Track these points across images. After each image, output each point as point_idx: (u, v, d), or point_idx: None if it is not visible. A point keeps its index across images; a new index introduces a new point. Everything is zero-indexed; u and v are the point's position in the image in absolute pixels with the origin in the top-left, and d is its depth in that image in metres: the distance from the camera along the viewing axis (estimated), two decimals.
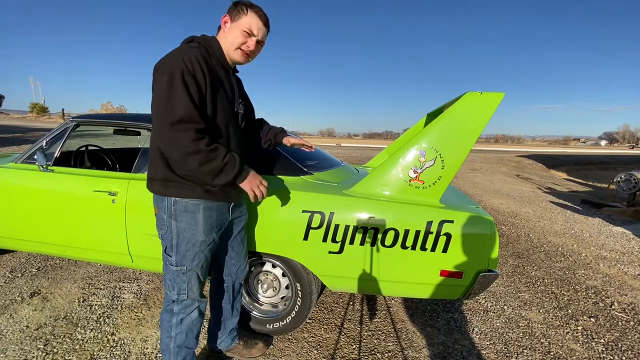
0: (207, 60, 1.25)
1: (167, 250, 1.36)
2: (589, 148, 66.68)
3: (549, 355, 1.94)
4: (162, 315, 1.42)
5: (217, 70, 1.30)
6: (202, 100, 1.21)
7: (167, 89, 1.14)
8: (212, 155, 1.18)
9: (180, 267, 1.34)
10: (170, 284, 1.37)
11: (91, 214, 1.96)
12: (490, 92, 1.61)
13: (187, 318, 1.41)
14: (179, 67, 1.15)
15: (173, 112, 1.13)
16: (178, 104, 1.13)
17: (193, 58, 1.18)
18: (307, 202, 1.71)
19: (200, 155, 1.15)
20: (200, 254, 1.36)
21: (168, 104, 1.13)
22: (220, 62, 1.33)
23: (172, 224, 1.31)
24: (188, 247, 1.33)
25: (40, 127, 19.67)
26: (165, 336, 1.42)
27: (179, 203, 1.29)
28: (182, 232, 1.32)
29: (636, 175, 5.90)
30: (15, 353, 1.72)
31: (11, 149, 9.13)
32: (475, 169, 11.88)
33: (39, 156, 2.05)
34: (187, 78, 1.15)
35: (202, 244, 1.35)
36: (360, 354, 1.87)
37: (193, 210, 1.31)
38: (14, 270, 2.57)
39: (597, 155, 25.27)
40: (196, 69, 1.18)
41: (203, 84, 1.21)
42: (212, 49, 1.30)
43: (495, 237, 1.65)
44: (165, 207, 1.31)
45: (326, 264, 1.74)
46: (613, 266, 3.34)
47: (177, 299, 1.38)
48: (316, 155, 2.31)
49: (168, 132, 1.13)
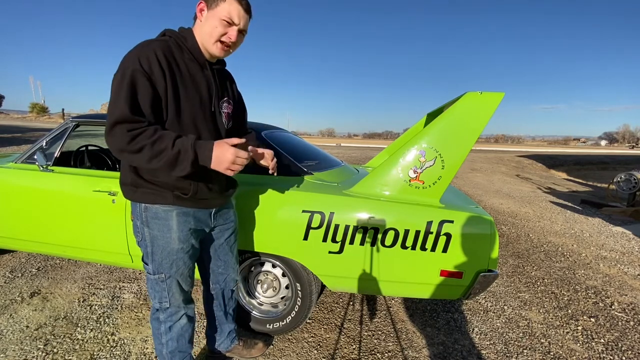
0: (174, 55, 1.15)
1: (144, 258, 1.29)
2: (589, 148, 66.68)
3: (549, 355, 1.94)
4: (150, 322, 1.39)
5: (188, 66, 1.18)
6: (157, 100, 1.11)
7: (116, 88, 1.05)
8: (158, 147, 1.04)
9: (159, 275, 1.28)
10: (152, 292, 1.31)
11: (91, 214, 1.96)
12: (490, 92, 1.61)
13: (176, 325, 1.36)
14: (132, 65, 1.05)
15: (111, 115, 1.04)
16: (118, 106, 1.03)
17: (151, 54, 1.08)
18: (307, 202, 1.71)
19: (144, 152, 1.03)
20: (179, 261, 1.28)
21: (111, 105, 1.05)
22: (194, 56, 1.20)
23: (145, 230, 1.24)
24: (164, 255, 1.26)
25: (40, 127, 19.67)
26: (157, 342, 1.39)
27: (149, 209, 1.22)
28: (155, 239, 1.24)
29: (636, 175, 5.90)
30: (15, 353, 1.72)
31: (11, 149, 9.14)
32: (475, 169, 11.88)
33: (39, 156, 2.05)
34: (138, 77, 1.06)
35: (178, 252, 1.27)
36: (360, 354, 1.87)
37: (164, 217, 1.22)
38: (14, 270, 2.57)
39: (597, 155, 25.27)
40: (153, 67, 1.08)
41: (161, 82, 1.10)
42: (184, 42, 1.18)
43: (495, 237, 1.65)
44: (138, 213, 1.24)
45: (326, 264, 1.74)
46: (613, 266, 3.34)
47: (160, 307, 1.33)
48: (316, 155, 2.31)
49: (107, 137, 1.04)
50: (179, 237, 1.26)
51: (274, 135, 2.16)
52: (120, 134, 1.02)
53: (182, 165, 1.07)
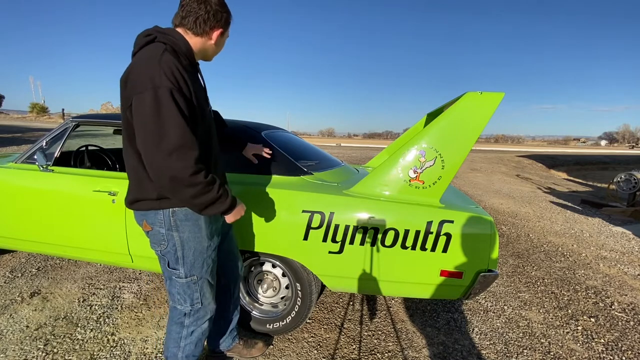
0: (181, 63, 1.13)
1: (172, 265, 1.27)
2: (589, 148, 66.69)
3: (549, 355, 1.94)
4: (170, 327, 1.37)
5: (189, 71, 1.17)
6: (192, 111, 1.11)
7: (155, 109, 1.01)
8: (208, 188, 1.09)
9: (191, 278, 1.28)
10: (181, 297, 1.30)
11: (91, 214, 1.96)
12: (490, 92, 1.61)
13: (198, 329, 1.37)
14: (163, 83, 1.02)
15: (165, 138, 1.01)
16: (170, 128, 1.01)
17: (175, 69, 1.06)
18: (307, 202, 1.71)
19: (196, 189, 1.07)
20: (208, 259, 1.32)
21: (157, 126, 1.01)
22: (190, 61, 1.20)
23: (174, 236, 1.23)
24: (196, 255, 1.27)
25: (40, 127, 19.67)
26: (172, 345, 1.37)
27: (178, 213, 1.21)
28: (187, 241, 1.24)
29: (636, 175, 5.90)
30: (15, 353, 1.72)
31: (11, 149, 9.13)
32: (475, 169, 11.88)
33: (39, 156, 2.05)
34: (175, 95, 1.03)
35: (208, 249, 1.30)
36: (360, 354, 1.87)
37: (194, 217, 1.24)
38: (14, 270, 2.57)
39: (597, 155, 25.28)
40: (180, 82, 1.07)
41: (189, 95, 1.10)
42: (178, 47, 1.15)
43: (495, 237, 1.65)
44: (162, 220, 1.21)
45: (326, 264, 1.74)
46: (613, 266, 3.34)
47: (190, 310, 1.32)
48: (316, 155, 2.31)
49: (161, 161, 1.02)
50: (207, 234, 1.29)
51: (274, 135, 2.16)
52: (182, 161, 1.02)
53: (215, 208, 1.15)
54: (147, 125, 1.02)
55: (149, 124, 1.02)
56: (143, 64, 1.07)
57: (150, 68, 1.05)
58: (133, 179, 1.21)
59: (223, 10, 1.20)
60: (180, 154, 1.02)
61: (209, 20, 1.17)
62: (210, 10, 1.16)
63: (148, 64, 1.06)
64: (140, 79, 1.04)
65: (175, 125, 1.02)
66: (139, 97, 1.03)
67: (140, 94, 1.03)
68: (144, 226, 1.26)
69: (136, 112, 1.04)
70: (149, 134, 1.02)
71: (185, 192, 1.07)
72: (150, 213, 1.22)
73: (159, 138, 1.01)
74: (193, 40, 1.19)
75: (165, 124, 1.01)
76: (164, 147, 1.01)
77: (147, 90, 1.02)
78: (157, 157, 1.02)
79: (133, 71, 1.07)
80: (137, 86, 1.04)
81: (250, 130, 2.05)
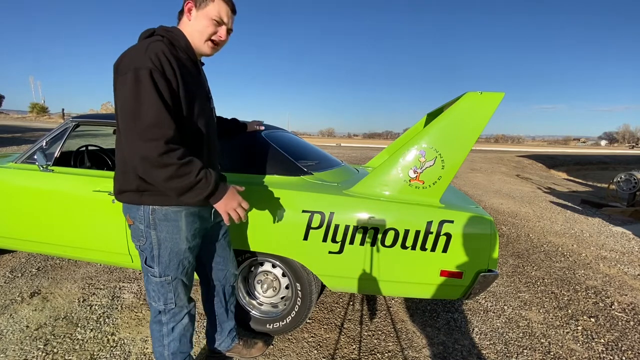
0: (175, 54, 1.12)
1: (148, 262, 1.25)
2: (589, 148, 66.68)
3: (549, 355, 1.94)
4: (150, 326, 1.36)
5: (187, 66, 1.17)
6: (176, 100, 1.10)
7: (133, 89, 1.01)
8: (184, 169, 1.05)
9: (165, 278, 1.26)
10: (155, 295, 1.29)
11: (91, 214, 1.96)
12: (491, 92, 1.61)
13: (178, 325, 1.35)
14: (145, 64, 1.02)
15: (141, 117, 1.00)
16: (147, 107, 1.01)
17: (160, 53, 1.06)
18: (307, 202, 1.71)
19: (168, 170, 1.03)
20: (185, 261, 1.29)
21: (134, 106, 1.01)
22: (189, 55, 1.20)
23: (152, 234, 1.21)
24: (171, 256, 1.24)
25: (40, 127, 19.67)
26: (157, 345, 1.36)
27: (157, 212, 1.19)
28: (164, 241, 1.22)
29: (636, 175, 5.90)
30: (15, 353, 1.72)
31: (11, 149, 9.13)
32: (475, 169, 11.88)
33: (39, 156, 2.05)
34: (155, 76, 1.02)
35: (185, 252, 1.27)
36: (360, 354, 1.87)
37: (174, 217, 1.21)
38: (14, 270, 2.57)
39: (597, 155, 25.27)
40: (165, 66, 1.06)
41: (174, 82, 1.08)
42: (177, 41, 1.16)
43: (495, 237, 1.65)
44: (142, 216, 1.20)
45: (326, 264, 1.74)
46: (613, 266, 3.34)
47: (164, 309, 1.31)
48: (316, 155, 2.31)
49: (134, 140, 1.01)
50: (187, 237, 1.26)
51: (274, 135, 2.16)
52: (153, 141, 1.01)
53: (195, 193, 1.10)
54: (125, 105, 1.03)
55: (128, 103, 1.02)
56: (131, 49, 1.09)
57: (136, 52, 1.06)
58: (118, 169, 1.21)
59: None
60: (151, 133, 1.01)
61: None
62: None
63: (136, 49, 1.08)
64: (124, 62, 1.05)
65: (150, 105, 1.01)
66: (122, 79, 1.04)
67: (123, 75, 1.04)
68: (127, 219, 1.25)
69: (117, 94, 1.06)
70: (126, 114, 1.03)
71: (157, 174, 1.04)
72: (133, 207, 1.21)
73: (134, 117, 1.01)
74: (185, 29, 1.20)
75: (142, 104, 1.01)
76: (137, 125, 1.01)
77: (129, 71, 1.03)
78: (131, 136, 1.02)
79: (121, 56, 1.09)
80: (120, 68, 1.05)
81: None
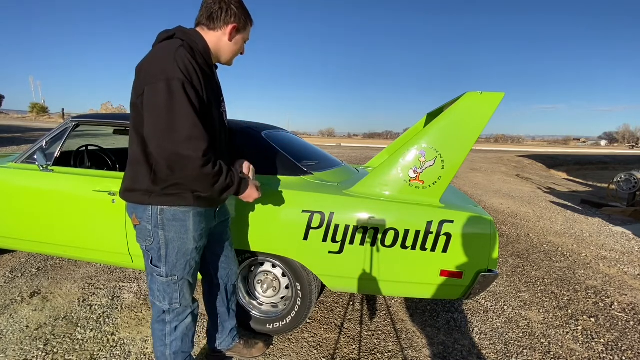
0: (196, 59, 1.16)
1: (154, 262, 1.27)
2: (589, 148, 66.68)
3: (549, 355, 1.94)
4: (153, 325, 1.37)
5: (205, 70, 1.20)
6: (202, 107, 1.13)
7: (167, 101, 1.04)
8: (216, 179, 1.14)
9: (172, 278, 1.28)
10: (160, 295, 1.30)
11: (91, 214, 1.96)
12: (490, 92, 1.61)
13: (181, 325, 1.36)
14: (176, 75, 1.05)
15: (177, 128, 1.04)
16: (183, 120, 1.04)
17: (188, 63, 1.09)
18: (307, 202, 1.71)
19: (205, 181, 1.12)
20: (192, 261, 1.31)
21: (170, 116, 1.04)
22: (206, 60, 1.23)
23: (160, 234, 1.23)
24: (179, 256, 1.27)
25: (40, 127, 19.67)
26: (159, 344, 1.37)
27: (166, 212, 1.21)
28: (171, 241, 1.24)
29: (636, 175, 5.90)
30: (15, 353, 1.72)
31: (11, 149, 9.13)
32: (475, 169, 11.88)
33: (39, 156, 2.05)
34: (187, 87, 1.06)
35: (192, 252, 1.30)
36: (360, 354, 1.87)
37: (182, 218, 1.23)
38: (14, 270, 2.57)
39: (597, 155, 25.28)
40: (193, 76, 1.10)
41: (200, 90, 1.13)
42: (195, 44, 1.19)
43: (495, 237, 1.65)
44: (150, 217, 1.22)
45: (326, 264, 1.74)
46: (613, 266, 3.34)
47: (169, 308, 1.32)
48: (316, 155, 2.31)
49: (173, 150, 1.04)
50: (194, 237, 1.28)
51: (274, 135, 2.16)
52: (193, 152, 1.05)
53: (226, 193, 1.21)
54: (158, 115, 1.05)
55: (161, 114, 1.04)
56: (158, 55, 1.11)
57: (164, 60, 1.08)
58: (131, 168, 1.23)
59: (238, 7, 1.23)
60: (190, 145, 1.05)
61: (222, 14, 1.21)
62: (224, 6, 1.20)
63: (163, 56, 1.09)
64: (153, 70, 1.07)
65: (186, 117, 1.05)
66: (152, 88, 1.06)
67: (153, 85, 1.05)
68: (133, 219, 1.26)
69: (148, 102, 1.07)
70: (160, 125, 1.05)
71: (194, 185, 1.14)
72: (140, 207, 1.22)
73: (170, 129, 1.04)
74: (209, 36, 1.23)
75: (176, 116, 1.04)
76: (174, 138, 1.04)
77: (160, 81, 1.05)
78: (168, 148, 1.05)
79: (148, 61, 1.11)
80: (150, 77, 1.07)
81: (251, 130, 2.04)
